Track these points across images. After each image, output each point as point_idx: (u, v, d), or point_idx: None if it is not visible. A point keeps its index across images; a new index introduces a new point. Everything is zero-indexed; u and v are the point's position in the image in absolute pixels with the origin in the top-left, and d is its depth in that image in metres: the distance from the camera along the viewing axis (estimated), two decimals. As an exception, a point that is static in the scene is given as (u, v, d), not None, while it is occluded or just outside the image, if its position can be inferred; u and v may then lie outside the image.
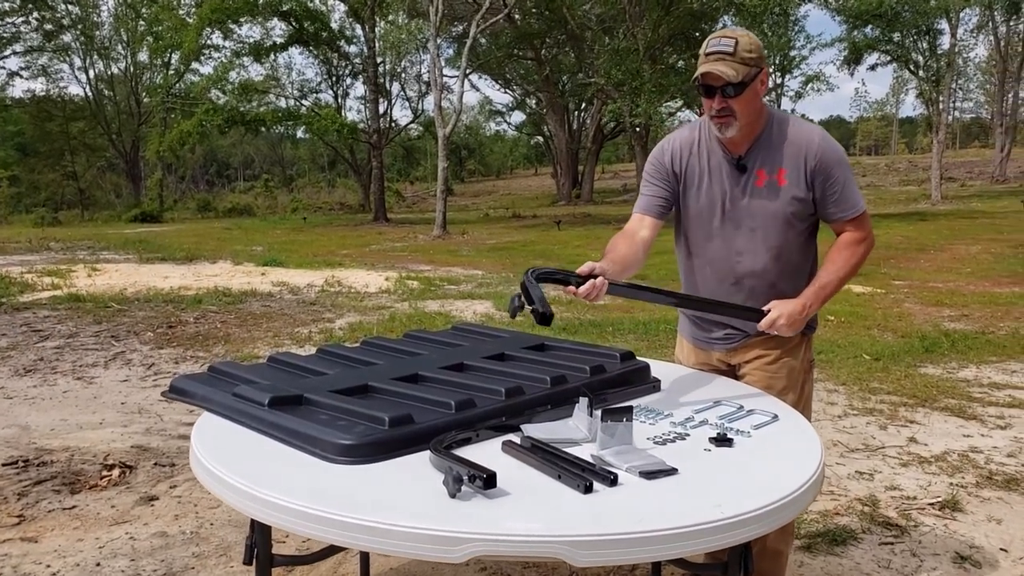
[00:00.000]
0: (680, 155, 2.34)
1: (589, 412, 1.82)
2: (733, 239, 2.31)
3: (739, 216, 2.28)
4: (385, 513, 1.40)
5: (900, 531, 3.10)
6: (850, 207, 2.24)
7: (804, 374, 2.41)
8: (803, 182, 2.22)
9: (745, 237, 2.29)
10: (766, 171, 2.24)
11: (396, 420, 1.74)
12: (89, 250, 16.11)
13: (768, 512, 1.51)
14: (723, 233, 2.31)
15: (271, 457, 1.68)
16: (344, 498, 1.47)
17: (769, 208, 2.25)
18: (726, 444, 1.79)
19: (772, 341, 2.34)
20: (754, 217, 2.27)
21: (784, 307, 2.17)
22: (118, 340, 6.66)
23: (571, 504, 1.47)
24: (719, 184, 2.29)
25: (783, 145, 2.23)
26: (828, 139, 2.24)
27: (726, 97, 2.14)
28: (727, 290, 2.35)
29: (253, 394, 1.93)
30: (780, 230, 2.26)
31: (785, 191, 2.23)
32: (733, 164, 2.26)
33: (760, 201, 2.25)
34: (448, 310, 8.28)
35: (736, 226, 2.29)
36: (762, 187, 2.24)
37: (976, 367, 5.75)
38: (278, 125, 27.94)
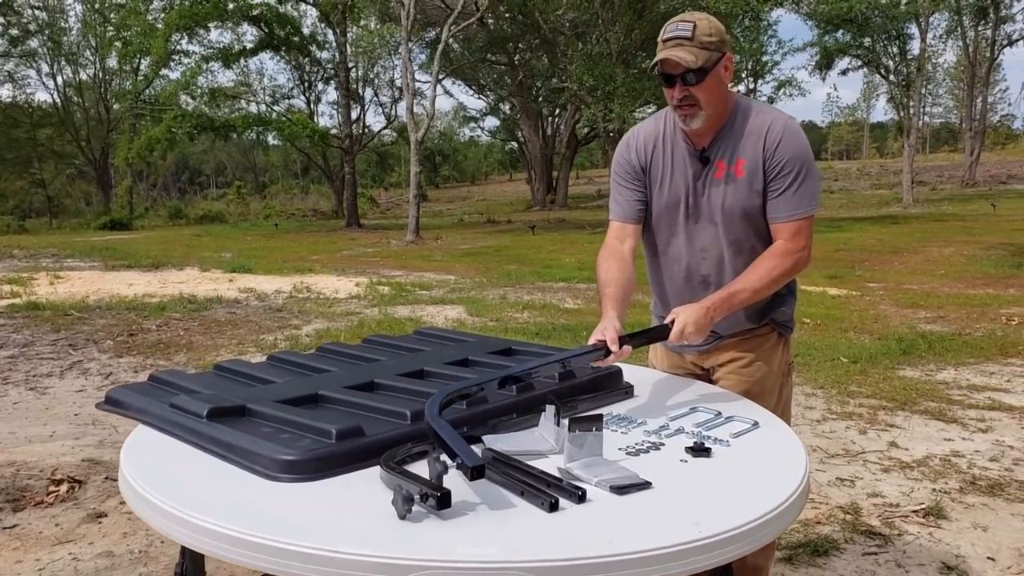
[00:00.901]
0: (645, 150, 2.22)
1: (556, 421, 1.68)
2: (696, 236, 2.18)
3: (701, 211, 2.16)
4: (326, 538, 1.25)
5: (884, 540, 2.99)
6: (789, 209, 2.07)
7: (782, 377, 2.28)
8: (760, 173, 2.08)
9: (708, 233, 2.17)
10: (725, 162, 2.11)
11: (344, 433, 1.59)
12: (53, 258, 15.73)
13: (752, 529, 1.37)
14: (687, 230, 2.19)
15: (207, 475, 1.53)
16: (281, 521, 1.32)
17: (727, 201, 2.12)
18: (703, 454, 1.66)
19: (746, 343, 2.23)
20: (714, 212, 2.14)
21: (688, 313, 1.99)
22: (76, 349, 6.43)
23: (534, 525, 1.32)
24: (682, 178, 2.16)
25: (744, 134, 2.09)
26: (792, 130, 2.07)
27: (687, 85, 2.01)
28: (694, 289, 2.23)
29: (191, 405, 1.77)
30: (740, 225, 2.13)
31: (742, 183, 2.10)
32: (696, 157, 2.13)
33: (718, 194, 2.12)
34: (419, 315, 8.11)
35: (698, 222, 2.17)
36: (720, 179, 2.12)
37: (954, 369, 5.69)
38: (249, 131, 27.57)
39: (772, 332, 2.25)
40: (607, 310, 2.10)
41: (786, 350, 2.30)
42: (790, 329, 2.30)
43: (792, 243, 2.09)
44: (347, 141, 28.04)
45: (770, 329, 2.25)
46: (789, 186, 2.06)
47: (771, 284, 2.08)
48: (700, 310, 1.99)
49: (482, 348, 2.35)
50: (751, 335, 2.24)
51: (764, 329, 2.24)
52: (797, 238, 2.08)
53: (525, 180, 43.14)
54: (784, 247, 2.09)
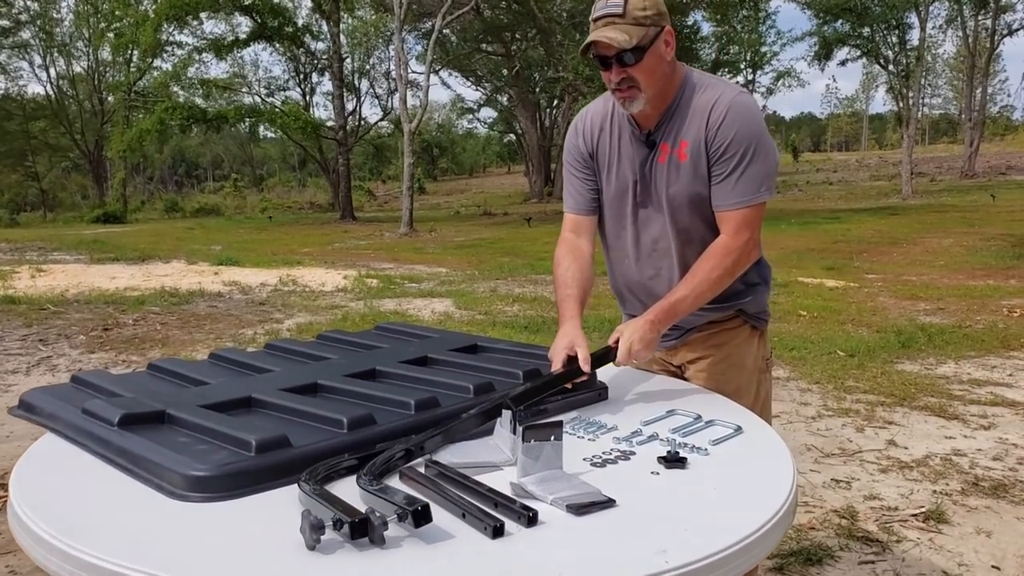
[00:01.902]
0: (592, 134, 2.02)
1: (512, 428, 1.48)
2: (646, 227, 1.99)
3: (649, 200, 1.96)
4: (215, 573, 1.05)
5: (881, 547, 2.80)
6: (733, 197, 1.84)
7: (759, 374, 2.08)
8: (703, 155, 1.87)
9: (657, 224, 1.97)
10: (669, 144, 1.90)
11: (266, 444, 1.39)
12: (40, 251, 15.50)
13: (725, 558, 1.18)
14: (635, 221, 2.00)
15: (106, 494, 1.33)
16: (174, 551, 1.12)
17: (671, 188, 1.91)
18: (678, 465, 1.47)
19: (715, 338, 2.04)
20: (660, 199, 1.94)
21: (631, 330, 1.82)
22: (46, 344, 6.22)
23: (471, 555, 1.13)
24: (629, 165, 1.96)
25: (689, 113, 1.88)
26: (739, 106, 1.84)
27: (624, 66, 1.80)
28: (647, 284, 2.05)
29: (104, 411, 1.57)
30: (687, 214, 1.93)
31: (686, 168, 1.89)
32: (642, 141, 1.93)
33: (663, 181, 1.92)
34: (405, 309, 7.92)
35: (647, 211, 1.98)
36: (664, 164, 1.91)
37: (955, 363, 5.49)
38: (242, 122, 27.31)
39: (744, 325, 2.06)
40: (568, 317, 1.94)
41: (762, 344, 2.10)
42: (764, 321, 2.10)
43: (734, 237, 1.87)
44: (341, 133, 27.78)
45: (741, 322, 2.05)
46: (733, 171, 1.84)
47: (713, 287, 1.88)
48: (644, 324, 1.83)
49: (444, 345, 2.15)
50: (719, 328, 2.05)
51: (734, 322, 2.05)
52: (740, 231, 1.87)
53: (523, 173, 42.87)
54: (725, 244, 1.88)
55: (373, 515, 1.11)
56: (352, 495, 1.27)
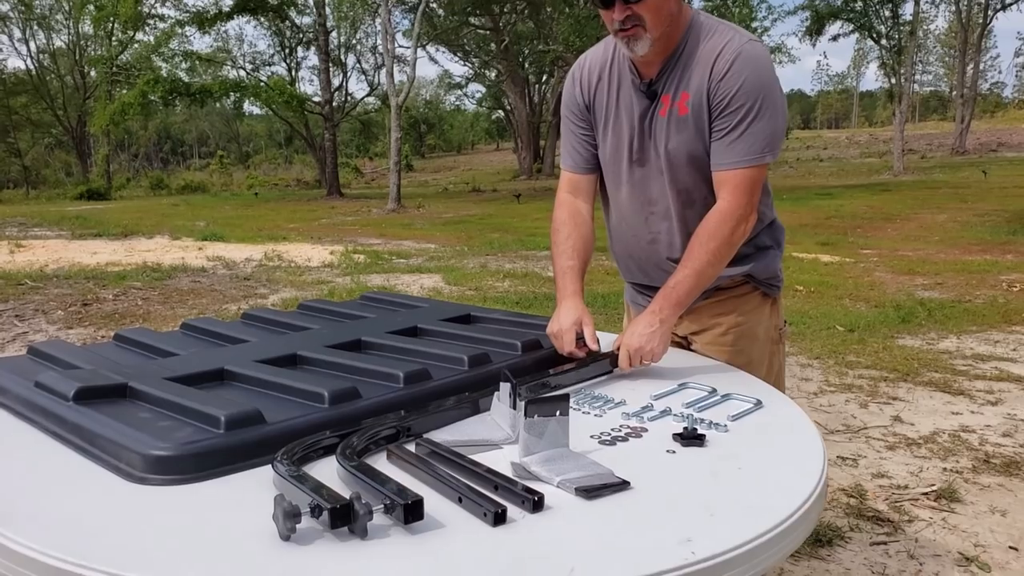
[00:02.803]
0: (589, 83, 1.85)
1: (512, 403, 1.33)
2: (644, 187, 1.83)
3: (647, 157, 1.80)
4: (172, 570, 0.90)
5: (893, 527, 2.68)
6: (732, 156, 1.68)
7: (771, 345, 1.93)
8: (705, 109, 1.70)
9: (656, 182, 1.81)
10: (671, 96, 1.73)
11: (237, 419, 1.23)
12: (20, 227, 15.20)
13: (758, 547, 1.03)
14: (632, 180, 1.84)
15: (57, 478, 1.17)
16: (123, 541, 0.97)
17: (670, 144, 1.75)
18: (696, 442, 1.32)
19: (723, 305, 1.88)
20: (659, 157, 1.78)
21: (633, 332, 1.67)
22: (22, 320, 6.03)
23: (473, 545, 0.98)
24: (627, 118, 1.79)
25: (693, 61, 1.71)
26: (748, 55, 1.66)
27: (628, 3, 1.63)
28: (645, 249, 1.89)
29: (57, 383, 1.41)
30: (687, 172, 1.77)
31: (686, 122, 1.72)
32: (643, 91, 1.76)
33: (662, 136, 1.76)
34: (393, 284, 7.75)
35: (646, 169, 1.81)
36: (665, 117, 1.75)
37: (957, 337, 5.38)
38: (227, 97, 26.85)
39: (754, 291, 1.90)
40: (570, 292, 1.79)
41: (775, 312, 1.95)
42: (777, 288, 1.94)
43: (732, 201, 1.70)
44: (327, 108, 27.38)
45: (751, 288, 1.90)
46: (736, 126, 1.67)
47: (714, 260, 1.71)
48: (645, 323, 1.68)
49: (435, 315, 2.00)
50: (727, 296, 1.89)
51: (742, 288, 1.89)
52: (738, 194, 1.69)
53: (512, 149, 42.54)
54: (721, 210, 1.71)
55: (357, 501, 0.96)
56: (333, 478, 1.12)
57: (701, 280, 1.72)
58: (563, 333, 1.69)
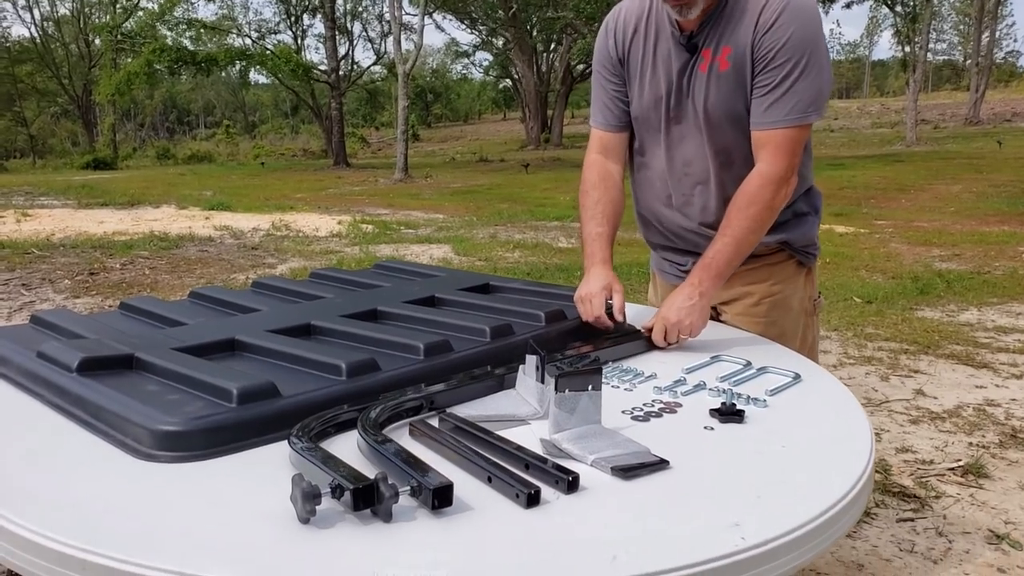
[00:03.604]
0: (624, 35, 1.75)
1: (540, 376, 1.26)
2: (679, 146, 1.74)
3: (684, 115, 1.71)
4: (183, 554, 0.83)
5: (920, 503, 2.61)
6: (774, 114, 1.59)
7: (806, 317, 1.86)
8: (748, 64, 1.61)
9: (693, 141, 1.72)
10: (711, 50, 1.64)
11: (250, 393, 1.16)
12: (27, 196, 15.13)
13: (811, 532, 0.96)
14: (668, 139, 1.74)
15: (59, 454, 1.11)
16: (130, 523, 0.90)
17: (710, 101, 1.66)
18: (735, 418, 1.25)
19: (756, 274, 1.80)
20: (698, 113, 1.68)
21: (671, 306, 1.59)
22: (29, 289, 5.98)
23: (504, 529, 0.91)
24: (665, 72, 1.70)
25: (737, 15, 1.61)
26: (795, 8, 1.57)
27: None
28: (679, 213, 1.80)
29: (61, 354, 1.34)
30: (727, 131, 1.67)
31: (727, 77, 1.63)
32: (682, 44, 1.66)
33: (701, 92, 1.66)
34: (403, 254, 7.67)
35: (682, 127, 1.72)
36: (705, 72, 1.65)
37: (977, 309, 5.28)
38: (232, 66, 26.60)
39: (789, 259, 1.83)
40: (600, 259, 1.71)
41: (809, 282, 1.87)
42: (813, 256, 1.86)
43: (773, 164, 1.61)
44: (334, 76, 27.12)
45: (786, 255, 1.82)
46: (780, 83, 1.58)
47: (755, 227, 1.63)
48: (683, 296, 1.59)
49: (452, 284, 1.92)
50: (760, 263, 1.81)
51: (777, 256, 1.81)
52: (780, 156, 1.61)
53: (519, 119, 42.15)
54: (762, 173, 1.62)
55: (383, 483, 0.89)
56: (351, 455, 1.05)
57: (741, 248, 1.64)
58: (591, 297, 1.61)
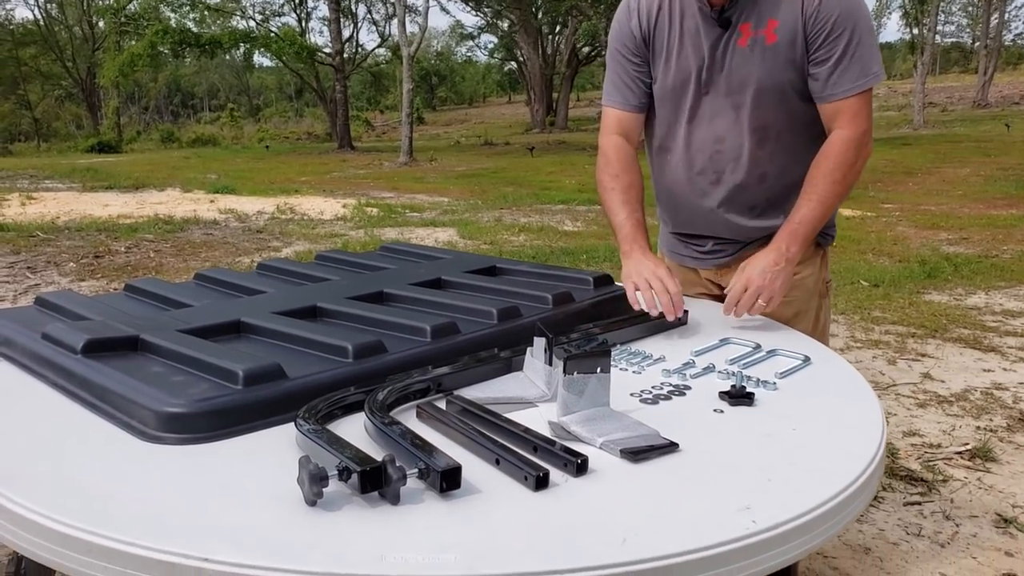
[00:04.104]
0: (649, 14, 1.73)
1: (548, 359, 1.25)
2: (710, 123, 1.72)
3: (718, 91, 1.69)
4: (189, 537, 0.82)
5: (927, 487, 2.60)
6: (847, 82, 1.60)
7: (819, 298, 1.86)
8: (800, 37, 1.60)
9: (726, 118, 1.70)
10: (752, 24, 1.62)
11: (256, 375, 1.16)
12: (31, 179, 15.12)
13: (822, 516, 0.95)
14: (698, 115, 1.72)
15: (63, 435, 1.10)
16: (136, 506, 0.90)
17: (756, 76, 1.64)
18: (745, 401, 1.24)
19: None
20: (736, 89, 1.67)
21: (756, 267, 1.57)
22: (34, 272, 5.98)
23: (512, 511, 0.90)
24: (694, 49, 1.68)
25: None
26: None
27: None
28: (704, 192, 1.78)
29: (65, 335, 1.34)
30: (770, 106, 1.66)
31: (776, 51, 1.62)
32: (713, 20, 1.65)
33: (743, 66, 1.65)
34: (408, 238, 7.65)
35: (715, 104, 1.70)
36: (746, 47, 1.64)
37: (985, 293, 5.25)
38: (235, 48, 26.47)
39: None
40: (643, 244, 1.68)
41: (824, 264, 1.87)
42: (830, 238, 1.86)
43: (853, 128, 1.63)
44: (338, 59, 27.01)
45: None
46: (843, 53, 1.59)
47: (842, 192, 1.65)
48: (768, 259, 1.58)
49: (458, 266, 1.91)
50: None
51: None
52: (858, 120, 1.62)
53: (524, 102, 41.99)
54: (844, 138, 1.63)
55: (391, 465, 0.88)
56: (357, 437, 1.04)
57: (827, 212, 1.64)
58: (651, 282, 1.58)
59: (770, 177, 1.74)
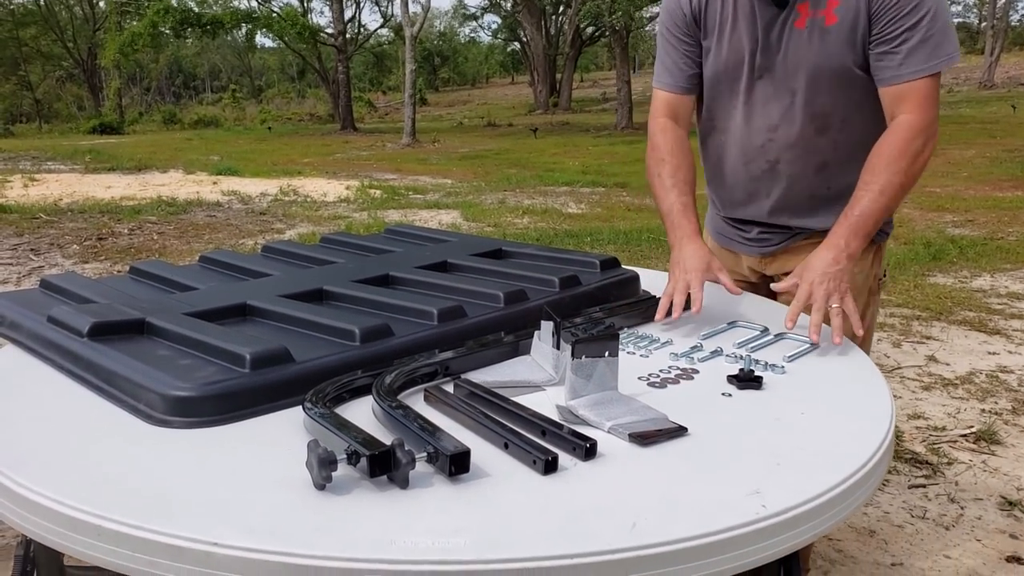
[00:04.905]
0: None
1: (555, 342, 1.24)
2: (764, 109, 1.65)
3: (773, 74, 1.62)
4: (196, 522, 0.82)
5: (932, 470, 2.61)
6: (915, 64, 1.48)
7: (869, 295, 1.76)
8: (863, 18, 1.52)
9: (780, 104, 1.63)
10: (810, 4, 1.56)
11: (264, 358, 1.15)
12: (33, 160, 15.10)
13: (833, 499, 0.95)
14: (750, 101, 1.66)
15: (71, 419, 1.10)
16: (144, 490, 0.89)
17: (814, 59, 1.57)
18: (753, 385, 1.23)
19: None
20: (793, 74, 1.60)
21: (814, 272, 1.45)
22: (38, 254, 5.98)
23: (522, 496, 0.90)
24: (748, 30, 1.61)
25: None
26: None
27: None
28: (758, 179, 1.72)
29: (71, 318, 1.33)
30: (829, 90, 1.59)
31: (836, 33, 1.55)
32: (768, 0, 1.59)
33: (801, 50, 1.58)
34: (411, 220, 7.64)
35: (769, 88, 1.63)
36: (803, 29, 1.57)
37: (990, 275, 5.24)
38: (237, 28, 26.32)
39: None
40: (692, 230, 1.60)
41: (877, 260, 1.77)
42: (886, 234, 1.77)
43: (920, 115, 1.50)
44: (340, 39, 26.85)
45: None
46: (912, 31, 1.48)
47: (908, 184, 1.51)
48: (828, 257, 1.46)
49: (464, 249, 1.90)
50: None
51: None
52: (926, 106, 1.50)
53: (527, 83, 41.77)
54: (910, 123, 1.49)
55: (400, 449, 0.87)
56: (364, 421, 1.04)
57: (891, 205, 1.51)
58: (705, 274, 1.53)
59: (831, 166, 1.66)
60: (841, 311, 1.42)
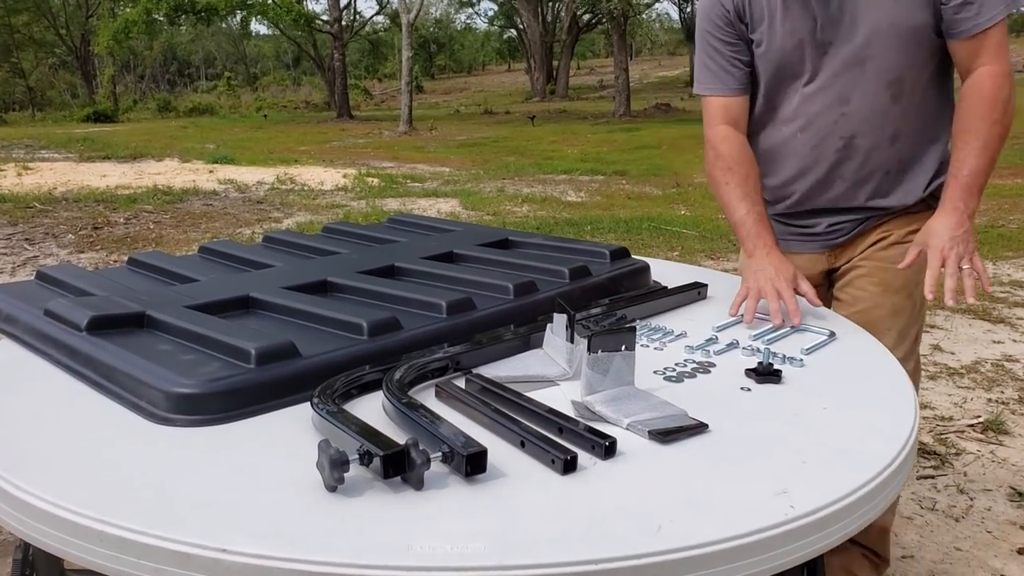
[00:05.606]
0: None
1: (569, 336, 1.20)
2: (830, 85, 1.59)
3: (839, 45, 1.56)
4: (203, 527, 0.79)
5: (940, 460, 2.58)
6: (986, 11, 1.46)
7: None
8: None
9: (851, 75, 1.58)
10: None
11: (269, 353, 1.11)
12: (27, 149, 14.97)
13: (862, 498, 0.92)
14: (816, 80, 1.60)
15: (69, 416, 1.06)
16: (146, 492, 0.86)
17: (883, 21, 1.52)
18: (772, 379, 1.20)
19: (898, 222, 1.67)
20: (862, 42, 1.54)
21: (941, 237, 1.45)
22: (32, 244, 5.92)
23: (540, 496, 0.86)
24: (803, 9, 1.56)
25: None
26: None
27: None
28: (832, 161, 1.65)
29: (69, 312, 1.29)
30: (903, 52, 1.54)
31: None
32: None
33: (868, 11, 1.52)
34: (410, 208, 7.58)
35: (836, 61, 1.58)
36: None
37: (992, 264, 5.21)
38: (231, 15, 26.15)
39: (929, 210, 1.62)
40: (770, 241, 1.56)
41: None
42: None
43: (1000, 61, 1.49)
44: (336, 26, 26.68)
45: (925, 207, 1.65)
46: None
47: (1004, 133, 1.50)
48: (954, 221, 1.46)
49: (470, 239, 1.86)
50: (907, 215, 1.67)
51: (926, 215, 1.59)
52: (1000, 52, 1.49)
53: (524, 70, 41.58)
54: (992, 73, 1.48)
55: (414, 448, 0.84)
56: (374, 418, 1.00)
57: (994, 156, 1.50)
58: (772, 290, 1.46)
59: (902, 137, 1.61)
60: (973, 271, 1.46)
